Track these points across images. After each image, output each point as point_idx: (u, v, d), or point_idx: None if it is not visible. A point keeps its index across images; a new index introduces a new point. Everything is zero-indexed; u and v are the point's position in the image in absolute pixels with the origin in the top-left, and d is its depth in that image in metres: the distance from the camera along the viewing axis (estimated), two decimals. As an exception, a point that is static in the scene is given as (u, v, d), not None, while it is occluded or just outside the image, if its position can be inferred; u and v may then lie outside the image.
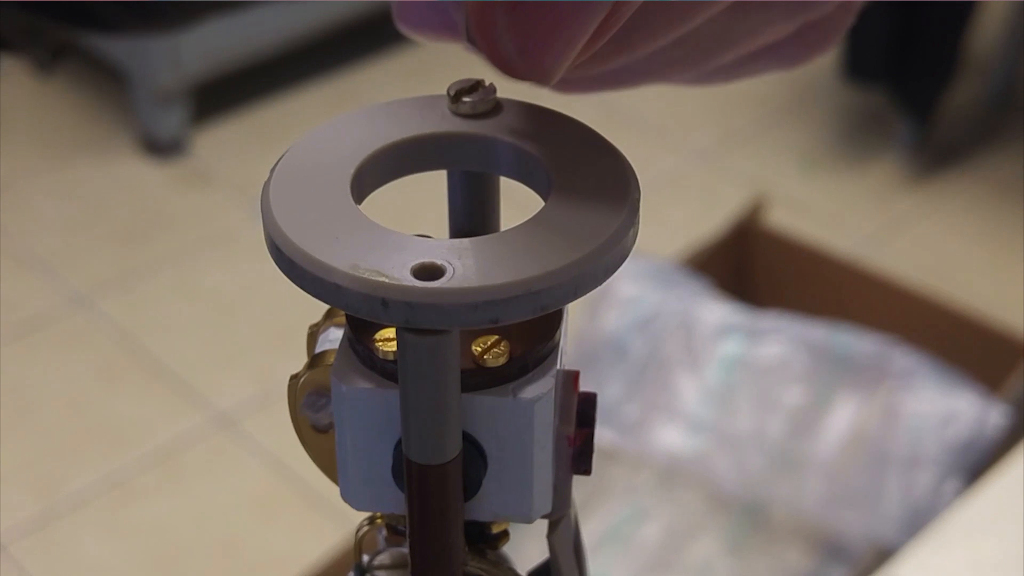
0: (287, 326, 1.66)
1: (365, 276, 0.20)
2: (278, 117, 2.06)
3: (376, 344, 0.22)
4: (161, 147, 1.97)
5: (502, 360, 0.21)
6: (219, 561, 1.42)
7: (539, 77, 0.21)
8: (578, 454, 0.23)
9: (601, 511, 1.21)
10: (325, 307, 0.24)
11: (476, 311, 0.19)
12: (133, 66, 1.95)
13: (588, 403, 0.24)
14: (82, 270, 1.77)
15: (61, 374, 1.63)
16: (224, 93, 2.05)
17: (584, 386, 0.24)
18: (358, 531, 0.25)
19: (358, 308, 0.20)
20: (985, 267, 1.81)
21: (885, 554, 1.10)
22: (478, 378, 0.21)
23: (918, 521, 1.15)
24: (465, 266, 0.20)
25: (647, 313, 1.33)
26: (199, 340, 1.68)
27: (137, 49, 1.92)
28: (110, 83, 2.06)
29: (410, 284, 0.20)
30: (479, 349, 0.21)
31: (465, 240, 0.20)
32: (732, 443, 1.25)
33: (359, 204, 0.22)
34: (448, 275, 0.20)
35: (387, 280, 0.20)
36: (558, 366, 0.22)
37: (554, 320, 0.22)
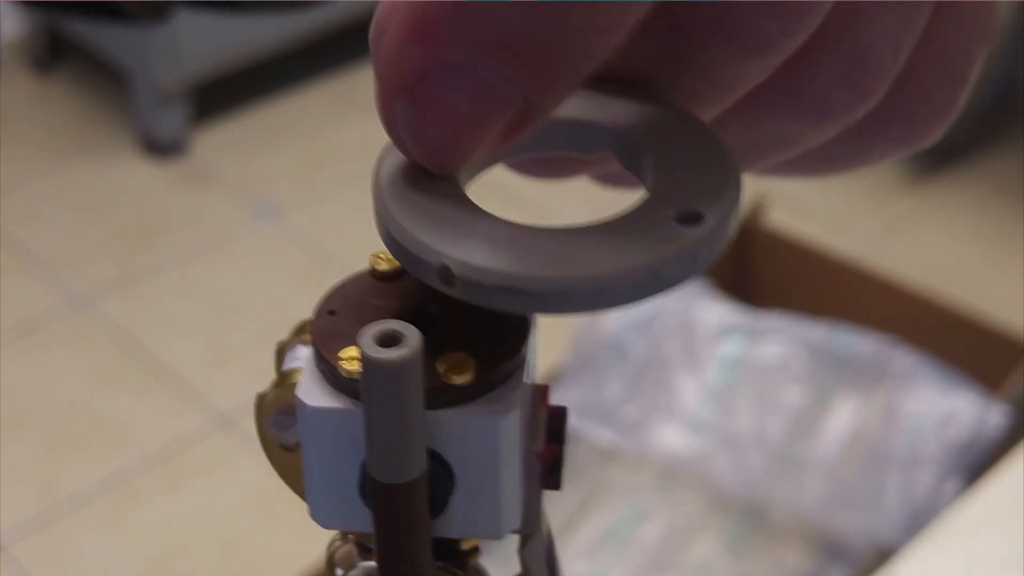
0: (287, 326, 1.65)
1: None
2: (278, 117, 2.07)
3: (340, 363, 0.21)
4: (161, 147, 1.98)
5: (467, 378, 0.21)
6: (219, 561, 1.42)
7: (438, 171, 0.20)
8: (548, 470, 0.23)
9: (601, 511, 1.21)
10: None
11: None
12: (133, 66, 1.95)
13: (558, 418, 0.24)
14: (82, 270, 1.77)
15: (61, 374, 1.63)
16: (224, 93, 2.05)
17: (584, 386, 0.24)
18: (330, 546, 0.25)
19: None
20: (985, 267, 1.81)
21: (885, 554, 1.10)
22: (443, 396, 0.21)
23: (918, 521, 1.15)
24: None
25: (647, 313, 1.33)
26: (199, 340, 1.68)
27: (137, 49, 1.92)
28: (110, 83, 2.06)
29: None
30: (444, 367, 0.21)
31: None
32: (732, 443, 1.25)
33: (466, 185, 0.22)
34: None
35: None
36: (525, 381, 0.22)
37: (520, 335, 0.22)
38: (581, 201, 1.50)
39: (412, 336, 0.20)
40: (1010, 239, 1.85)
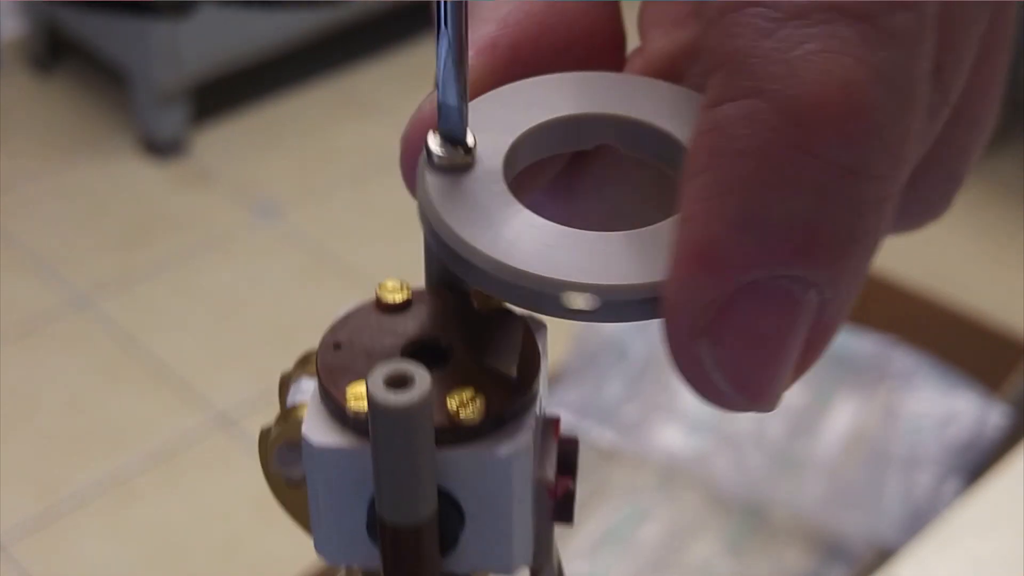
0: (287, 326, 1.66)
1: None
2: (278, 117, 2.06)
3: (347, 402, 0.21)
4: (161, 147, 1.97)
5: (478, 417, 0.21)
6: (219, 561, 1.42)
7: (759, 409, 0.19)
8: (560, 504, 0.23)
9: (601, 511, 1.21)
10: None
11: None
12: (133, 66, 1.95)
13: (569, 451, 0.23)
14: (82, 270, 1.77)
15: (61, 374, 1.63)
16: (224, 93, 2.05)
17: (584, 386, 0.24)
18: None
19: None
20: (985, 267, 1.81)
21: (885, 554, 1.10)
22: (453, 434, 0.21)
23: (918, 521, 1.15)
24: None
25: (647, 313, 1.32)
26: (199, 340, 1.68)
27: (137, 49, 1.92)
28: (110, 83, 2.06)
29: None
30: (454, 404, 0.21)
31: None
32: (732, 443, 1.25)
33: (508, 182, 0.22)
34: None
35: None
36: (537, 415, 0.22)
37: (532, 369, 0.22)
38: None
39: (422, 378, 0.19)
40: (1010, 239, 1.85)
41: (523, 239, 0.20)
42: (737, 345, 0.18)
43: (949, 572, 0.71)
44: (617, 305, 0.20)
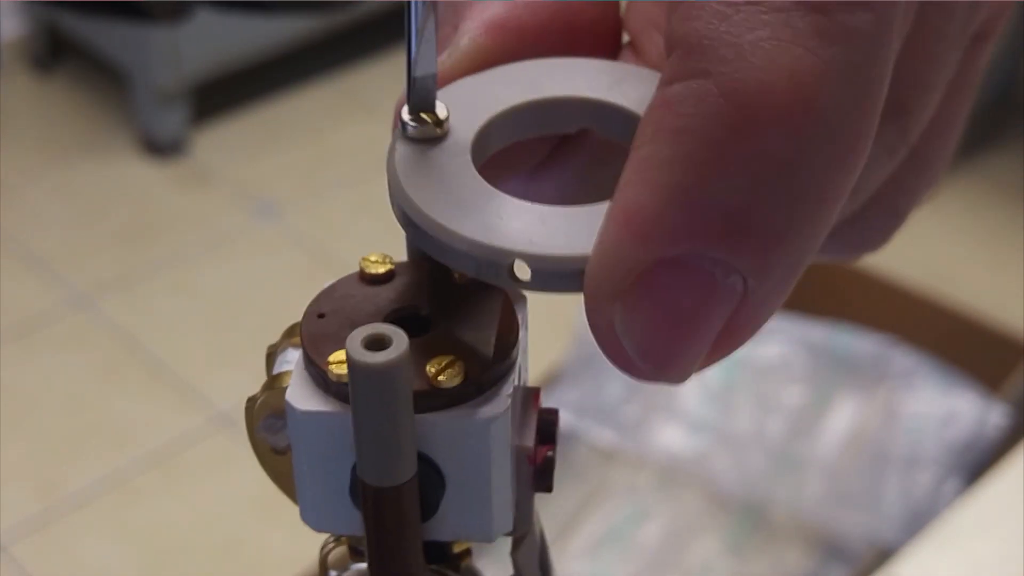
0: (287, 326, 1.66)
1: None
2: (278, 117, 2.07)
3: (329, 366, 0.21)
4: (161, 147, 1.97)
5: (457, 380, 0.21)
6: (219, 561, 1.42)
7: (665, 381, 0.19)
8: (539, 472, 0.23)
9: (601, 511, 1.21)
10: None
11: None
12: (133, 66, 1.95)
13: (549, 420, 0.24)
14: (82, 270, 1.77)
15: (61, 374, 1.63)
16: (224, 93, 2.05)
17: (584, 386, 0.24)
18: (323, 549, 0.25)
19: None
20: (985, 267, 1.81)
21: (885, 554, 1.10)
22: (433, 399, 0.21)
23: (918, 521, 1.15)
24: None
25: (647, 313, 1.33)
26: (199, 340, 1.68)
27: (137, 49, 1.92)
28: (110, 83, 2.06)
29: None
30: (433, 369, 0.21)
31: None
32: (732, 443, 1.25)
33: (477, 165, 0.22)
34: None
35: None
36: (516, 383, 0.22)
37: (511, 338, 0.22)
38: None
39: (399, 339, 0.20)
40: (1010, 239, 1.84)
41: (474, 207, 0.21)
42: (648, 315, 0.19)
43: (949, 572, 0.71)
44: (552, 275, 0.20)
